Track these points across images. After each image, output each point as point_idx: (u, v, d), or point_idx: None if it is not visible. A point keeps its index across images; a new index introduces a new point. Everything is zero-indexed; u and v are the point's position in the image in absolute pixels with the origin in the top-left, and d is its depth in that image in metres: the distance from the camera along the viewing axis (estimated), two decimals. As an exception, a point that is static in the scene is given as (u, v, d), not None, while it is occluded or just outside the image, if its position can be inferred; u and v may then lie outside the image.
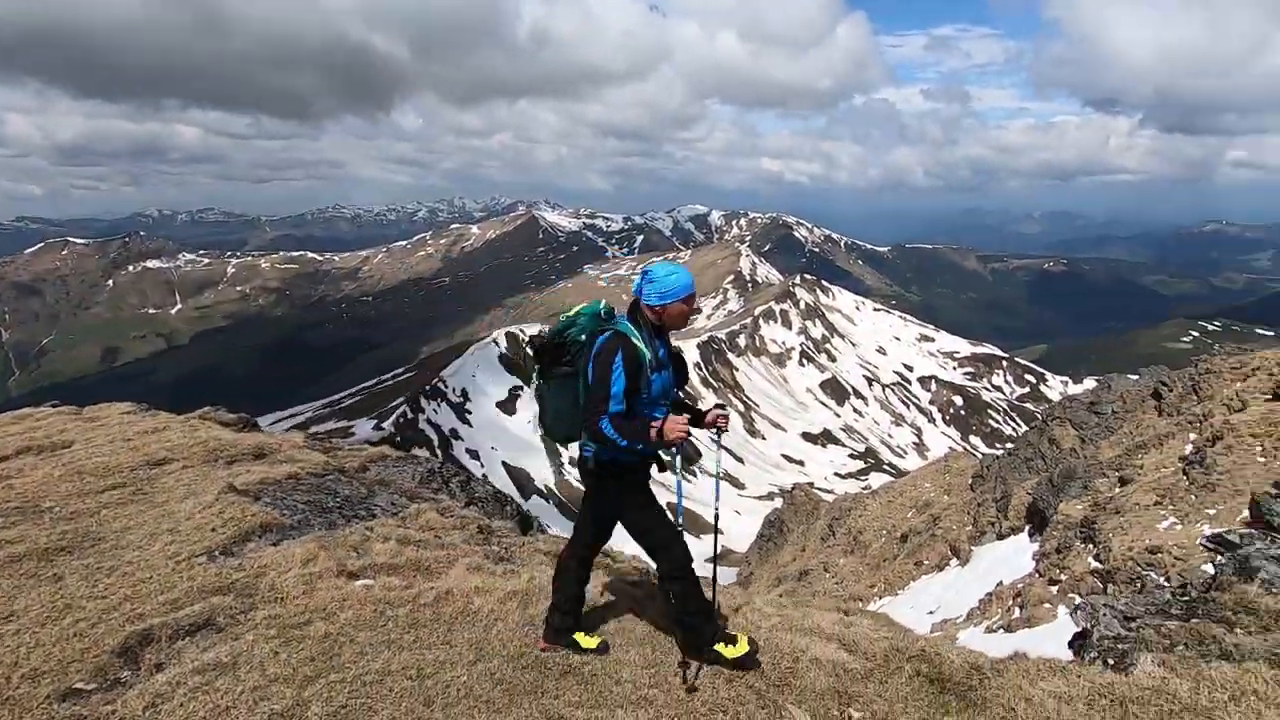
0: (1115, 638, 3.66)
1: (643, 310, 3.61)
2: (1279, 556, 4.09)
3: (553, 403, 3.64)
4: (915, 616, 30.18)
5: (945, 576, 34.25)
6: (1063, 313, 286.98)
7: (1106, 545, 26.89)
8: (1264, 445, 28.23)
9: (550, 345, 3.58)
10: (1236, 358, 38.86)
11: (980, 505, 38.35)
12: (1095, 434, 38.25)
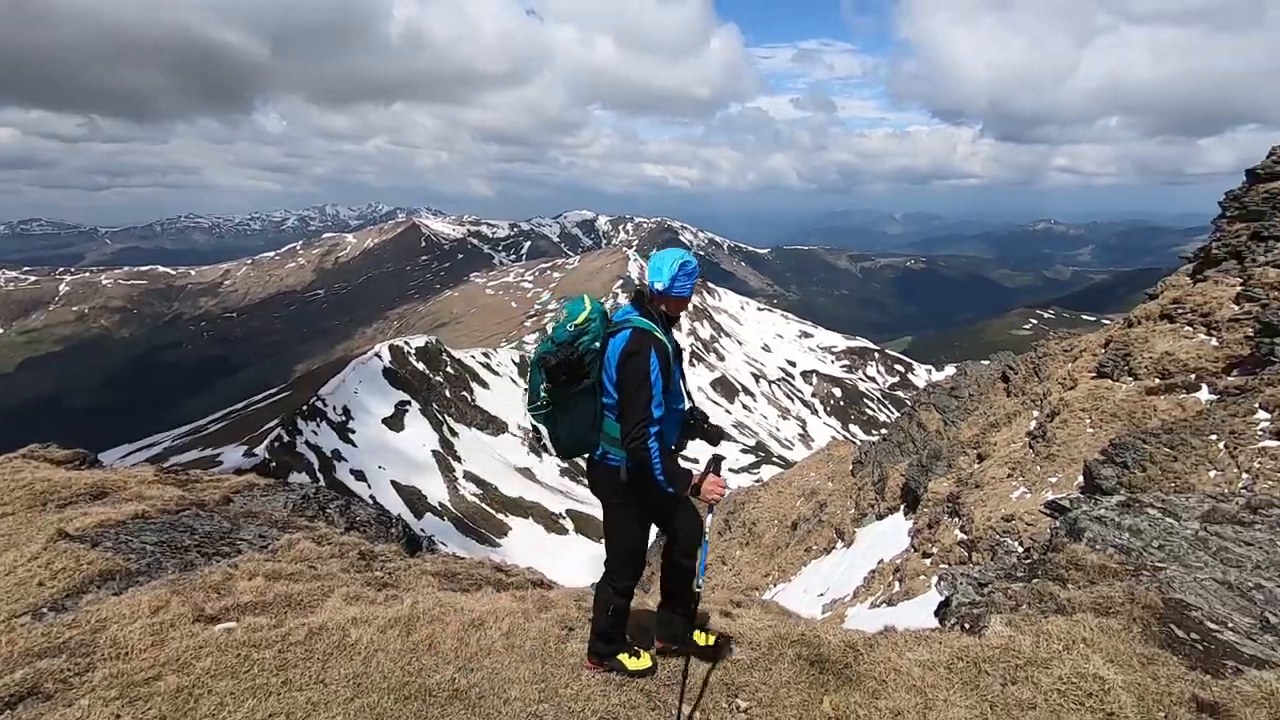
0: (971, 604, 3.99)
1: (653, 301, 3.34)
2: (1100, 517, 4.62)
3: (571, 421, 3.30)
4: (807, 600, 31.70)
5: (833, 559, 36.22)
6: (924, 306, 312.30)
7: (970, 517, 29.37)
8: (1091, 418, 31.86)
9: (569, 361, 3.19)
10: (1067, 341, 43.73)
11: (861, 489, 40.89)
12: (956, 416, 41.81)
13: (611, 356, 3.22)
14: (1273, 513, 4.65)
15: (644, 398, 3.12)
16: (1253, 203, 32.74)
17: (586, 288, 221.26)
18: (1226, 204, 35.47)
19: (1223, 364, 29.34)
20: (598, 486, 3.47)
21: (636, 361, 3.14)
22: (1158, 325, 33.16)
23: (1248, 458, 23.81)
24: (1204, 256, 34.78)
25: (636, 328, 3.23)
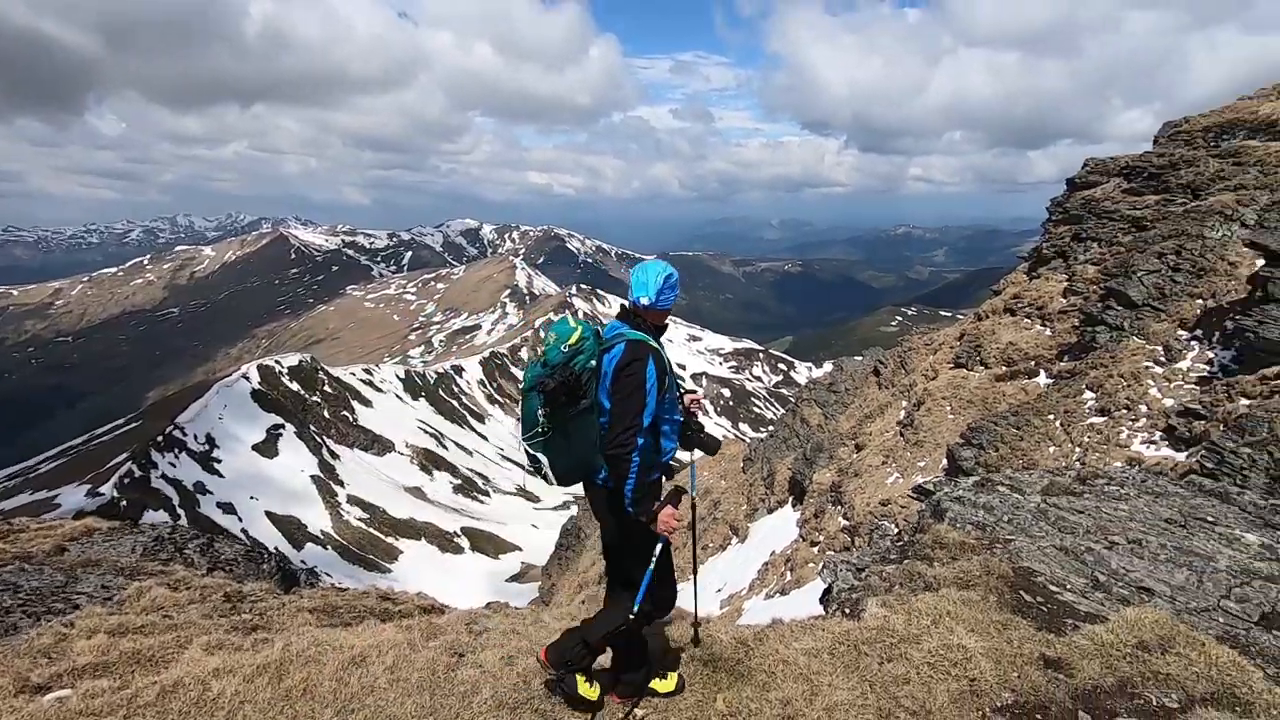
0: (850, 589, 4.22)
1: (641, 314, 3.30)
2: (959, 497, 5.04)
3: (571, 445, 3.10)
4: (705, 597, 32.42)
5: (728, 555, 37.29)
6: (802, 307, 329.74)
7: (851, 504, 31.06)
8: (951, 405, 34.51)
9: (567, 382, 3.03)
10: (928, 336, 47.41)
11: (752, 485, 42.43)
12: (835, 410, 44.33)
13: (609, 371, 3.15)
14: (1097, 483, 5.25)
15: (636, 404, 3.05)
16: (1072, 208, 37.05)
17: (473, 298, 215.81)
18: (1052, 209, 39.91)
19: (1056, 351, 32.91)
20: (601, 509, 3.35)
21: (634, 368, 3.09)
22: (1002, 318, 36.75)
23: (1079, 433, 26.76)
24: (1036, 256, 38.95)
25: (630, 340, 3.19)
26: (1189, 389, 24.84)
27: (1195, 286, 27.32)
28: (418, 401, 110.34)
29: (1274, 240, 23.93)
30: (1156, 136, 34.47)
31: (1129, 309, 28.70)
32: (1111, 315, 29.39)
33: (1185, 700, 3.06)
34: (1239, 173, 28.88)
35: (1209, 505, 4.85)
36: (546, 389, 3.02)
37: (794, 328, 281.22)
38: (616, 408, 3.06)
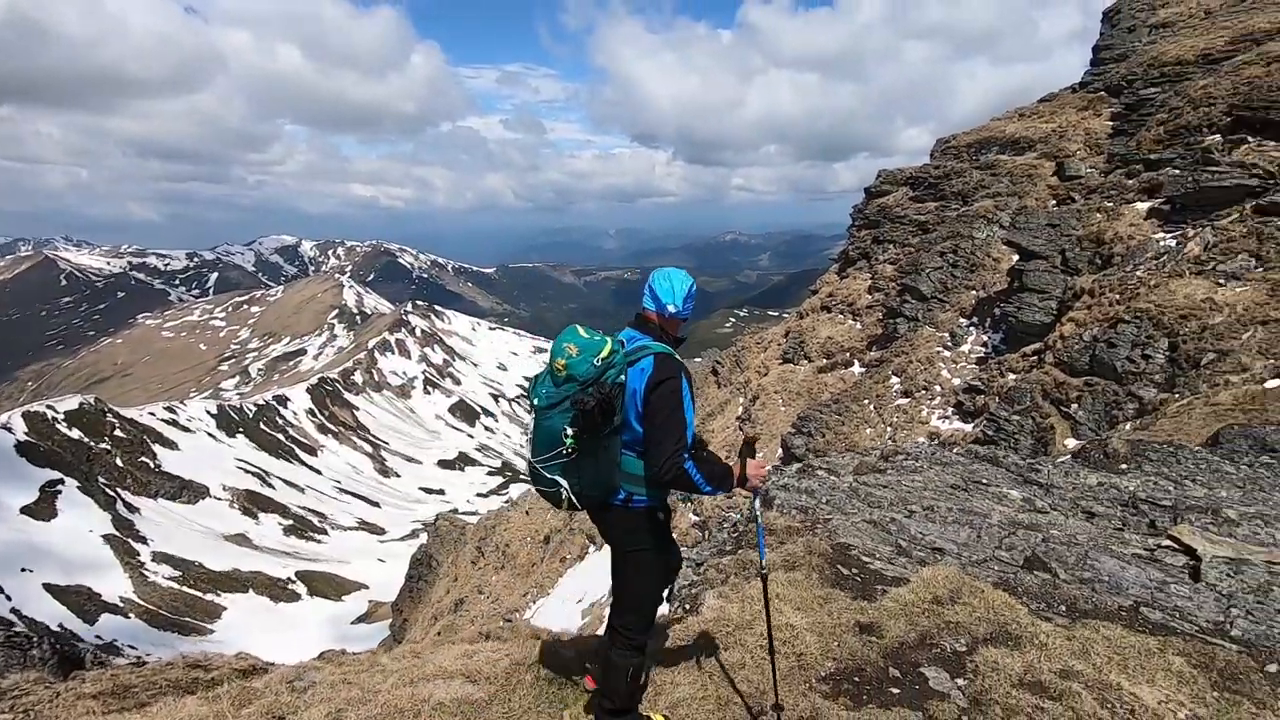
0: (689, 584, 4.37)
1: (661, 324, 3.10)
2: (785, 485, 5.42)
3: (597, 466, 2.82)
4: (567, 609, 32.15)
5: (587, 564, 37.31)
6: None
7: (699, 500, 32.24)
8: (783, 398, 36.95)
9: (606, 400, 2.74)
10: (758, 335, 50.37)
11: (605, 492, 42.92)
12: (679, 411, 46.08)
13: (637, 386, 2.89)
14: (897, 459, 5.90)
15: (679, 423, 2.84)
16: (871, 214, 41.39)
17: (296, 321, 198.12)
18: (854, 215, 44.28)
19: (866, 342, 36.52)
20: (619, 532, 3.08)
21: (671, 385, 2.87)
22: (820, 316, 40.21)
23: (889, 414, 29.75)
24: (844, 258, 43.05)
25: (658, 353, 2.95)
26: (971, 368, 28.68)
27: (970, 280, 31.63)
28: (235, 439, 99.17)
29: (1024, 239, 28.27)
30: (931, 151, 39.60)
31: (921, 302, 32.66)
32: (908, 308, 33.28)
33: (971, 643, 3.50)
34: (995, 182, 33.89)
35: (983, 469, 5.61)
36: (586, 407, 2.73)
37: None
38: (658, 430, 2.85)
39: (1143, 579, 3.96)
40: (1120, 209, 25.12)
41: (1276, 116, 22.04)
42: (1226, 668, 3.35)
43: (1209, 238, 21.53)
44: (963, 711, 3.11)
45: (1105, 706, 3.08)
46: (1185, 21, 33.09)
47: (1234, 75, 24.61)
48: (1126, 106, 29.46)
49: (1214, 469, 5.67)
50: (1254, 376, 16.22)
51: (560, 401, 2.79)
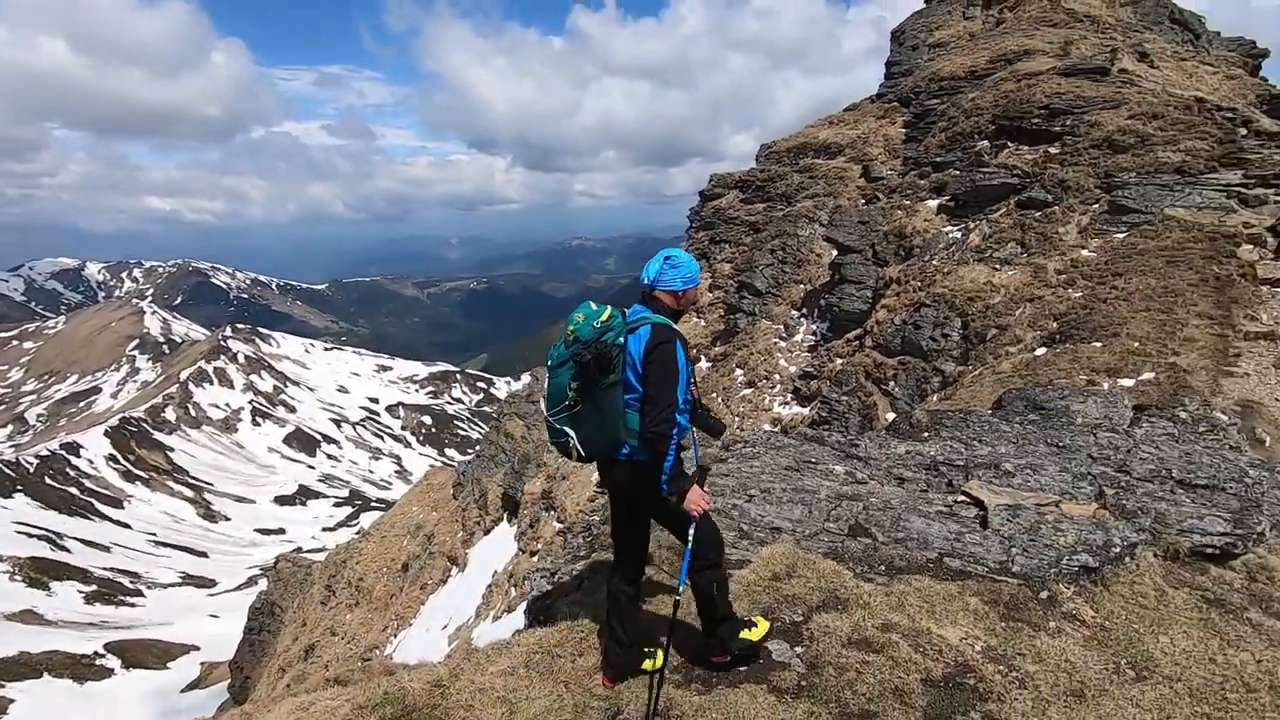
0: (544, 595, 4.33)
1: (660, 299, 3.46)
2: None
3: (601, 417, 3.20)
4: (432, 638, 30.64)
5: (450, 587, 35.82)
6: (493, 323, 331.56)
7: (563, 507, 31.96)
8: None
9: (601, 356, 3.17)
10: (609, 337, 50.73)
11: (465, 510, 41.36)
12: (536, 420, 45.48)
13: (635, 351, 3.29)
14: (736, 447, 6.25)
15: (672, 383, 3.22)
16: (706, 216, 43.39)
17: (85, 356, 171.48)
18: (691, 217, 46.20)
19: (711, 338, 38.21)
20: (622, 487, 3.44)
21: (666, 349, 3.24)
22: (666, 315, 41.48)
23: (736, 404, 31.24)
24: (685, 258, 44.63)
25: (655, 323, 3.34)
26: (804, 356, 30.97)
27: (798, 274, 34.17)
28: (12, 499, 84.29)
29: (841, 235, 30.99)
30: (756, 156, 42.36)
31: (757, 297, 34.81)
32: (746, 303, 35.34)
33: (807, 612, 3.78)
34: (813, 184, 36.86)
35: (812, 449, 6.10)
36: (583, 360, 3.17)
37: (488, 344, 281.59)
38: (652, 389, 3.22)
39: (944, 532, 4.49)
40: (916, 206, 28.34)
41: (1028, 125, 25.94)
42: (1010, 600, 3.89)
43: (985, 229, 24.88)
44: (801, 677, 3.35)
45: (919, 651, 3.45)
46: (956, 42, 38.04)
47: (994, 90, 28.66)
48: (915, 116, 33.31)
49: (994, 429, 6.59)
50: (1027, 346, 18.98)
51: (566, 360, 3.27)
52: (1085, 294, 19.04)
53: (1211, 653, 3.57)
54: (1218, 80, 30.42)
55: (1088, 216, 21.85)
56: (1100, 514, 4.64)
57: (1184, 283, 17.78)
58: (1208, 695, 3.31)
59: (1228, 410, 12.83)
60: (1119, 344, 16.38)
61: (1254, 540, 4.59)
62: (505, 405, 49.33)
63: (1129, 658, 3.53)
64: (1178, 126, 22.80)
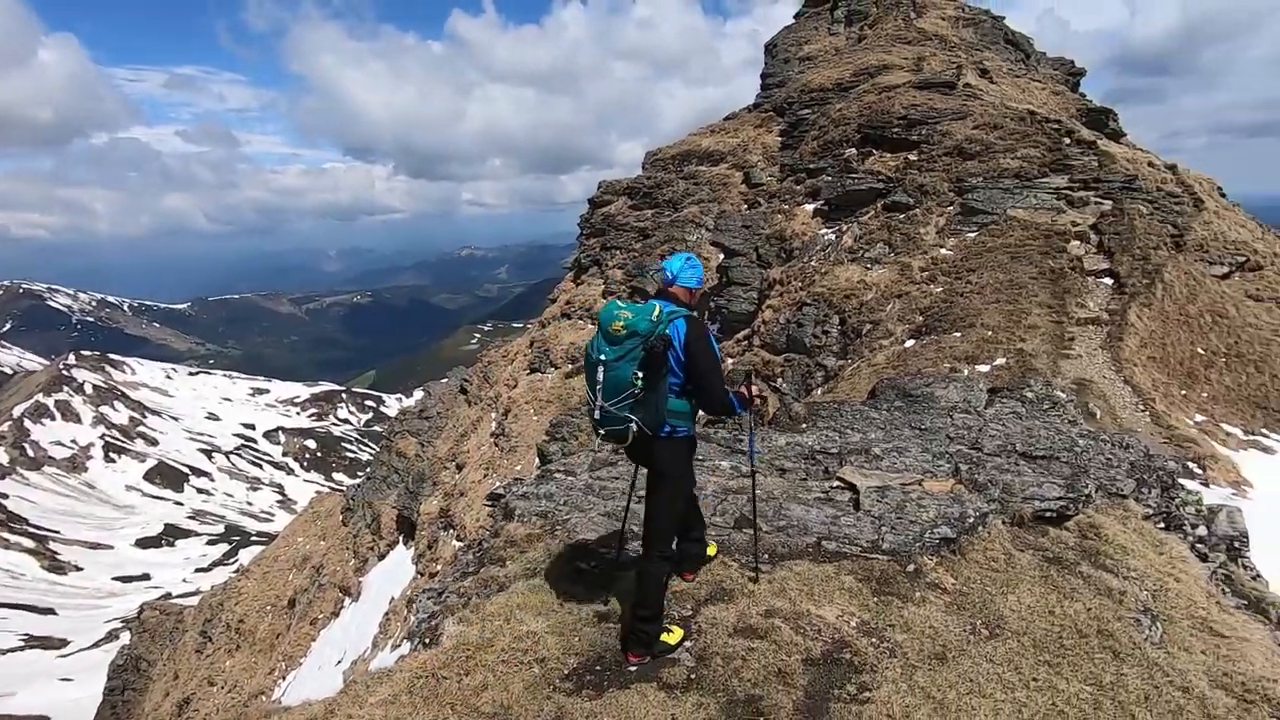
0: (429, 616, 4.17)
1: (677, 294, 3.88)
2: (525, 494, 5.45)
3: (657, 401, 3.57)
4: (325, 675, 28.75)
5: (344, 619, 33.79)
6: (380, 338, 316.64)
7: (462, 525, 31.00)
8: (534, 407, 37.09)
9: (659, 342, 3.54)
10: (503, 348, 50.05)
11: (356, 536, 39.18)
12: (430, 436, 43.88)
13: (677, 341, 3.68)
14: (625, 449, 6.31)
15: (718, 367, 3.76)
16: (596, 223, 43.58)
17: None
18: (582, 225, 46.25)
19: (605, 344, 38.21)
20: (660, 463, 3.76)
21: (707, 342, 3.75)
22: (562, 323, 41.29)
23: (633, 409, 31.47)
24: (578, 265, 44.77)
25: (687, 316, 3.78)
26: (697, 358, 31.66)
27: (687, 279, 35.00)
28: None
29: (726, 239, 32.01)
30: (643, 163, 43.06)
31: (648, 302, 35.36)
32: (638, 308, 35.78)
33: (695, 606, 3.86)
34: (698, 190, 37.89)
35: (699, 446, 6.25)
36: (656, 351, 3.52)
37: (375, 360, 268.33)
38: (708, 374, 3.71)
39: (821, 517, 4.73)
40: (794, 210, 29.78)
41: (890, 134, 27.93)
42: (881, 576, 4.15)
43: (857, 231, 26.50)
44: (690, 670, 3.41)
45: (799, 633, 3.61)
46: (823, 56, 40.39)
47: (859, 101, 30.66)
48: (790, 124, 35.03)
49: (865, 417, 7.02)
50: (898, 339, 20.39)
51: (628, 353, 3.52)
52: (945, 289, 20.71)
53: (1050, 606, 3.96)
54: (1045, 95, 34.09)
55: (944, 218, 23.79)
56: (957, 489, 5.05)
57: (1026, 276, 19.73)
58: (1048, 645, 3.67)
59: (1065, 388, 14.32)
60: (975, 333, 17.92)
61: (1084, 502, 5.15)
62: (397, 423, 47.25)
63: (983, 618, 3.85)
64: (1015, 136, 25.33)
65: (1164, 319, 18.81)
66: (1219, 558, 7.06)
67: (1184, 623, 4.32)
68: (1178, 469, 11.03)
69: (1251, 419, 16.88)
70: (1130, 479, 5.95)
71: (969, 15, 41.37)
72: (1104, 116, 31.57)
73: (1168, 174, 28.54)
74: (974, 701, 3.19)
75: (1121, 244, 20.16)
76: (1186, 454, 13.63)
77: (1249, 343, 18.98)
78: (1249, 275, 23.50)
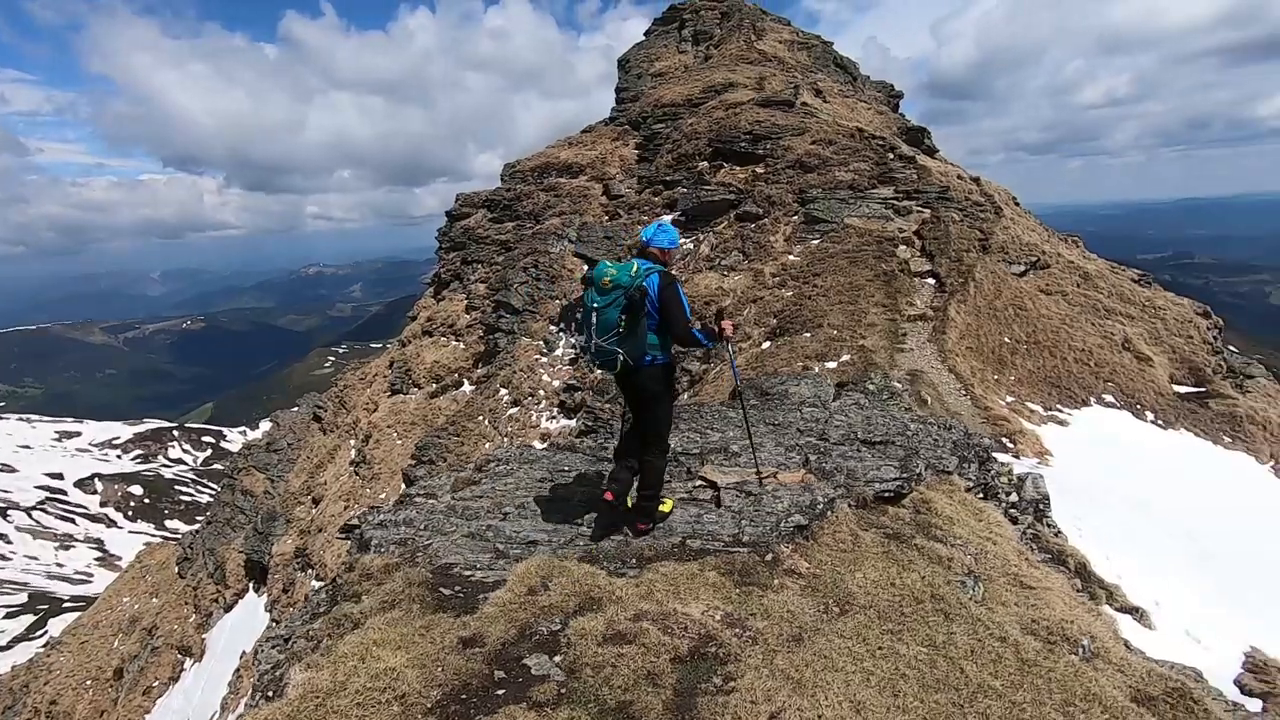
0: (273, 667, 3.80)
1: (653, 253, 4.91)
2: (381, 522, 5.13)
3: (635, 337, 4.59)
4: (164, 750, 25.51)
5: (185, 683, 30.18)
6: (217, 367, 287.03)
7: (322, 563, 28.81)
8: (397, 431, 35.25)
9: (642, 294, 4.58)
10: (361, 370, 47.23)
11: (197, 588, 35.16)
12: (281, 470, 40.38)
13: (652, 289, 4.64)
14: (489, 466, 6.14)
15: (682, 310, 4.70)
16: (456, 236, 42.32)
17: None
18: (441, 239, 44.77)
19: (472, 360, 37.27)
20: (646, 385, 4.82)
21: (674, 290, 4.69)
22: (423, 341, 39.62)
23: (504, 425, 30.82)
24: (437, 281, 43.23)
25: (660, 272, 4.72)
26: (566, 369, 31.61)
27: (553, 290, 34.82)
28: None
29: (588, 250, 32.24)
30: (501, 175, 42.43)
31: (515, 315, 34.77)
32: (504, 322, 35.10)
33: (564, 619, 3.81)
34: (558, 202, 37.90)
35: (564, 458, 6.21)
36: (633, 299, 4.50)
37: (213, 391, 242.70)
38: (673, 316, 4.68)
39: (686, 517, 4.86)
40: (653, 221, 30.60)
41: (738, 148, 29.47)
42: (743, 568, 4.32)
43: (713, 240, 27.68)
44: (560, 685, 3.35)
45: (667, 632, 3.66)
46: (673, 73, 41.93)
47: (708, 116, 32.12)
48: (645, 138, 35.98)
49: (723, 417, 7.33)
50: (755, 342, 21.48)
51: (613, 301, 4.52)
52: (795, 293, 22.12)
53: (892, 578, 4.31)
54: (871, 114, 37.47)
55: (790, 226, 25.44)
56: (807, 478, 5.38)
57: (863, 279, 21.51)
58: (891, 614, 3.99)
59: (901, 379, 15.74)
60: (823, 333, 19.28)
61: (916, 480, 5.68)
62: (241, 459, 43.04)
63: (834, 597, 4.12)
64: (847, 151, 27.62)
65: (977, 313, 21.24)
66: (1027, 519, 8.04)
67: (1000, 580, 4.87)
68: (992, 445, 12.45)
69: (1049, 397, 19.46)
70: (953, 456, 6.64)
71: (803, 39, 44.70)
72: (920, 134, 35.20)
73: (973, 185, 32.34)
74: (828, 677, 3.39)
75: (940, 247, 22.55)
76: (1000, 431, 15.44)
77: (1044, 331, 21.88)
78: (1041, 273, 27.13)
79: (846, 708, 3.22)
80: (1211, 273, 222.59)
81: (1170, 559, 11.68)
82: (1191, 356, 23.79)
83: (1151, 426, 19.39)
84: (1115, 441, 17.72)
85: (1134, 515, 13.12)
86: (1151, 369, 21.91)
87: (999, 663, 3.70)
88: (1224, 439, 19.35)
